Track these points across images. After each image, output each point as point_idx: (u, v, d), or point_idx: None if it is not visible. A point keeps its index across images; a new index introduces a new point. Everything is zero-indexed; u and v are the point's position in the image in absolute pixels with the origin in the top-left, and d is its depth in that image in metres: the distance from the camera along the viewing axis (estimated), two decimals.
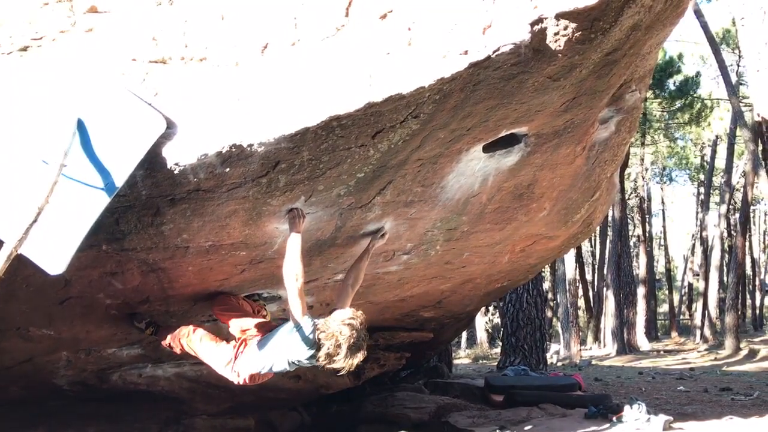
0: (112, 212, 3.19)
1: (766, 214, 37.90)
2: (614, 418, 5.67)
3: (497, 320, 21.96)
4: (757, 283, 36.00)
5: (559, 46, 3.22)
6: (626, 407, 5.78)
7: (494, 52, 3.11)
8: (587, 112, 4.07)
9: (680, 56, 27.03)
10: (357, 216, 3.96)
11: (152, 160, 2.99)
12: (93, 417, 5.70)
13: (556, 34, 3.18)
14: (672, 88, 26.17)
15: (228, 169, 3.09)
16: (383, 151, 3.42)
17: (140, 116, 2.96)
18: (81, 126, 2.91)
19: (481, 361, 19.08)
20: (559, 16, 3.13)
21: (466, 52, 3.11)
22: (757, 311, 32.84)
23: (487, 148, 3.97)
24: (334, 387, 6.73)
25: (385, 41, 3.12)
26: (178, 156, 3.00)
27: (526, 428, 5.58)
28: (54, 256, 2.95)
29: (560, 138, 4.15)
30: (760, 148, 16.55)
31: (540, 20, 3.13)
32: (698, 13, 17.10)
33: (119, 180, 2.93)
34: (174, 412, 6.13)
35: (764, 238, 39.58)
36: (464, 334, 25.09)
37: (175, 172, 3.03)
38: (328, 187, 3.51)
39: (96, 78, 2.96)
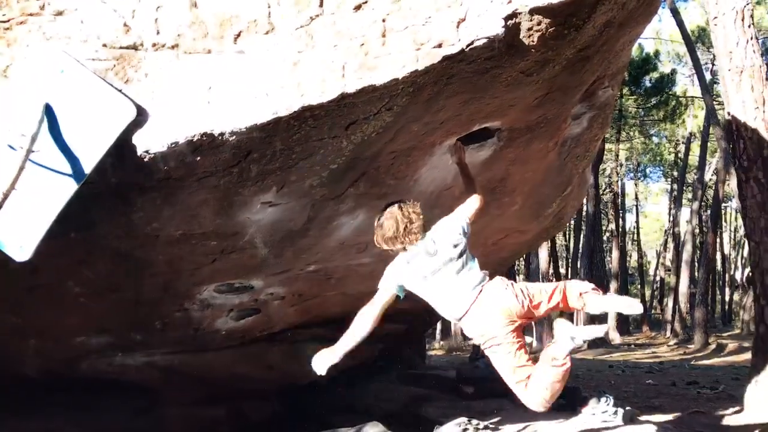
0: (81, 199, 3.15)
1: (736, 212, 38.51)
2: (581, 410, 5.73)
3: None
4: (727, 279, 36.63)
5: (533, 41, 3.23)
6: (592, 400, 5.84)
7: (468, 46, 3.11)
8: (560, 108, 4.10)
9: (657, 54, 27.38)
10: (330, 207, 3.96)
11: (122, 148, 2.95)
12: (62, 406, 5.65)
13: (530, 29, 3.19)
14: (648, 85, 26.51)
15: (199, 158, 3.07)
16: (356, 142, 3.42)
17: (110, 103, 2.92)
18: (49, 111, 2.87)
19: (455, 353, 19.22)
20: (533, 12, 3.13)
21: (440, 45, 3.11)
22: (726, 307, 33.44)
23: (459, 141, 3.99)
24: (306, 377, 6.72)
25: (359, 32, 3.11)
26: (148, 143, 2.97)
27: (496, 419, 5.62)
28: (20, 242, 2.91)
29: (533, 133, 4.18)
30: (731, 146, 16.77)
31: (514, 15, 3.13)
32: (674, 12, 17.28)
33: (88, 167, 2.90)
34: (145, 402, 6.10)
35: (735, 235, 40.24)
36: (438, 326, 25.20)
37: (145, 159, 3.00)
38: (301, 177, 3.51)
39: (65, 63, 2.92)
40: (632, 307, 3.42)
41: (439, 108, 3.47)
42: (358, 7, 3.16)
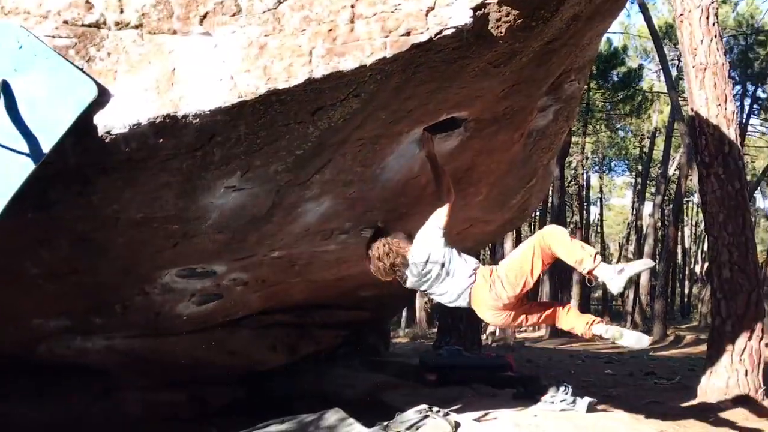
0: (39, 180, 3.08)
1: (698, 206, 39.25)
2: (540, 399, 5.83)
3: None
4: (687, 272, 37.40)
5: (501, 32, 3.24)
6: (551, 389, 5.95)
7: (436, 35, 3.11)
8: (526, 100, 4.13)
9: (624, 48, 27.70)
10: (295, 194, 3.93)
11: (82, 128, 2.89)
12: (21, 390, 5.56)
13: (498, 20, 3.20)
14: (615, 79, 26.81)
15: (161, 140, 3.02)
16: (323, 128, 3.40)
17: (71, 81, 2.86)
18: (6, 88, 2.79)
19: (419, 341, 19.32)
20: (501, 3, 3.14)
21: (408, 33, 3.10)
22: (685, 299, 34.17)
23: (427, 131, 3.99)
24: (268, 363, 6.72)
25: (327, 18, 3.09)
26: (109, 124, 2.90)
27: (456, 407, 5.69)
28: None
29: (499, 124, 4.20)
30: (694, 142, 17.07)
31: (483, 5, 3.13)
32: (643, 7, 17.47)
33: (47, 146, 2.83)
34: (104, 386, 6.04)
35: (696, 229, 41.04)
36: (404, 314, 25.34)
37: (106, 140, 2.94)
38: (266, 163, 3.48)
39: (24, 39, 2.84)
40: (647, 264, 4.04)
41: (406, 96, 3.47)
42: None
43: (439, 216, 3.97)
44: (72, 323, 4.83)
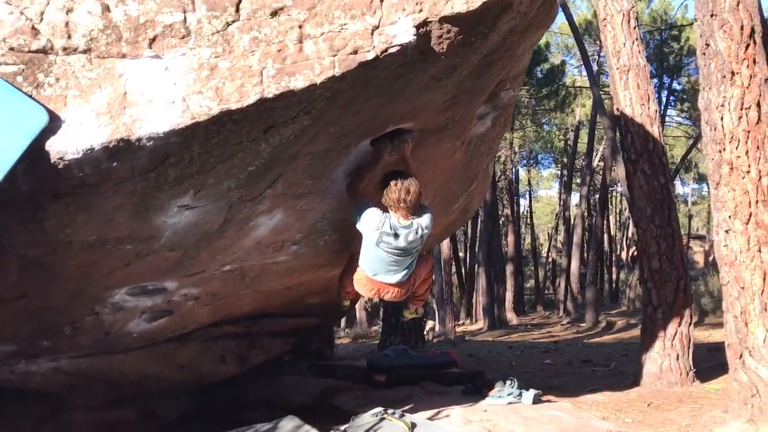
0: None
1: (621, 195, 40.73)
2: (488, 394, 6.03)
3: (376, 299, 22.38)
4: (614, 258, 38.81)
5: (443, 48, 3.39)
6: (498, 383, 6.16)
7: (382, 53, 3.24)
8: (467, 110, 4.30)
9: (547, 45, 28.48)
10: (247, 208, 3.99)
11: (34, 155, 2.88)
12: None
13: (440, 37, 3.35)
14: (539, 75, 27.55)
15: (115, 164, 3.03)
16: (275, 145, 3.48)
17: (20, 109, 2.84)
18: None
19: (360, 340, 19.45)
20: (442, 21, 3.29)
21: (355, 52, 3.22)
22: (614, 285, 35.44)
23: (374, 142, 4.11)
24: (218, 375, 6.70)
25: (276, 38, 3.17)
26: (62, 150, 2.91)
27: (408, 407, 5.82)
28: None
29: (442, 133, 4.36)
30: (618, 136, 17.72)
31: (425, 23, 3.28)
32: (564, 6, 18.04)
33: None
34: (50, 409, 5.89)
35: (620, 217, 42.62)
36: None
37: (59, 166, 2.94)
38: (219, 180, 3.52)
39: None
40: None
41: (355, 111, 3.58)
42: (274, 13, 3.21)
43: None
44: (18, 347, 4.71)
